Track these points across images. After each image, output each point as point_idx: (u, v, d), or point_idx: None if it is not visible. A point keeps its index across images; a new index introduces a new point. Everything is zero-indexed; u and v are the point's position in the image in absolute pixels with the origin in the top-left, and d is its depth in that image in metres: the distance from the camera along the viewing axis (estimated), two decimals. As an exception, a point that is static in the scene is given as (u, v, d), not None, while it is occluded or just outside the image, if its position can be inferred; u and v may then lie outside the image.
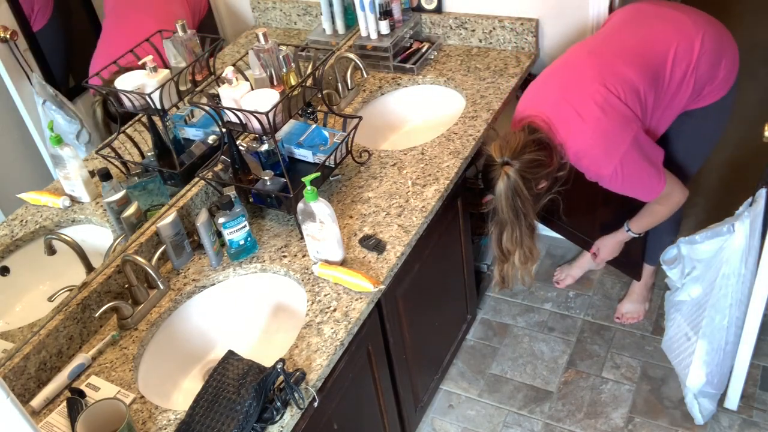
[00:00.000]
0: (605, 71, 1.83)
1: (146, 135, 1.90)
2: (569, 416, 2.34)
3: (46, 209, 1.74)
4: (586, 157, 1.84)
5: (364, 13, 2.44)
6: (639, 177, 1.88)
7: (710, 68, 1.92)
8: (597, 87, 1.80)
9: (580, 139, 1.81)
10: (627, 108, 1.81)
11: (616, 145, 1.80)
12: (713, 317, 2.02)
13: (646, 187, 1.91)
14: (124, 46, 1.84)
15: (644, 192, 1.94)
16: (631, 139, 1.80)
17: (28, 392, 1.55)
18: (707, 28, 1.92)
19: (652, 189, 1.92)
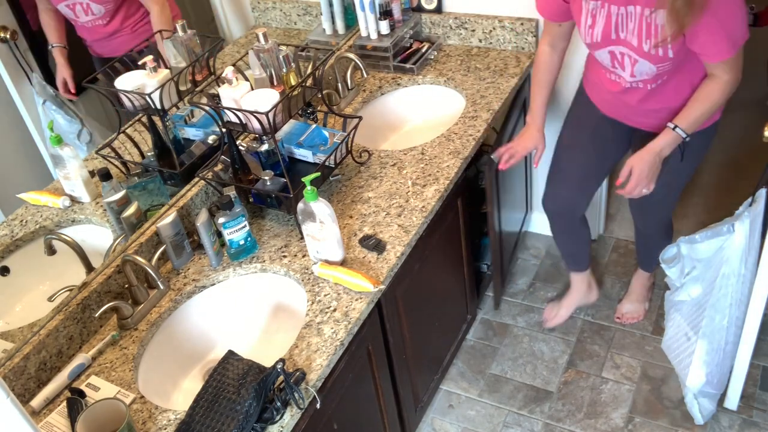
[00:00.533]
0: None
1: (146, 135, 1.90)
2: (569, 416, 2.34)
3: (46, 209, 1.74)
4: None
5: (364, 13, 2.44)
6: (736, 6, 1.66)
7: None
8: None
9: None
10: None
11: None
12: (713, 317, 2.02)
13: (738, 28, 1.68)
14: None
15: (733, 31, 1.68)
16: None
17: (28, 392, 1.55)
18: None
19: (739, 34, 1.69)
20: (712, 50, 1.71)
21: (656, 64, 1.78)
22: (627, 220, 3.03)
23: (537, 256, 2.93)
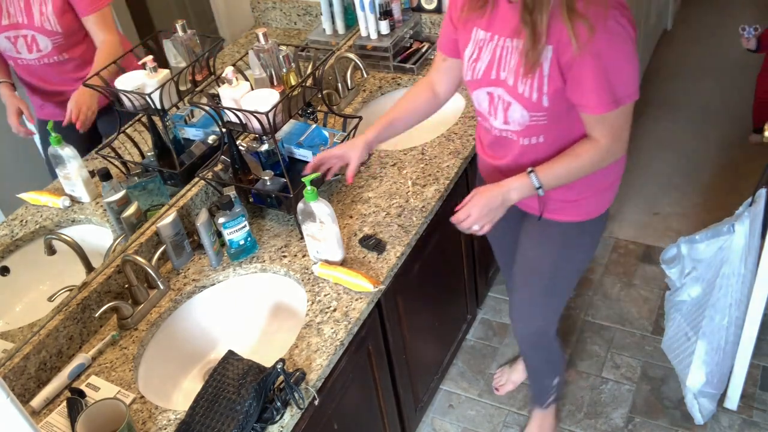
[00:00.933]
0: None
1: (146, 135, 1.90)
2: (569, 416, 2.34)
3: (46, 209, 1.74)
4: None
5: (364, 13, 2.44)
6: (624, 59, 1.46)
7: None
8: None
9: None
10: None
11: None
12: (713, 317, 2.02)
13: (623, 82, 1.47)
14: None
15: (617, 84, 1.47)
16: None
17: (28, 392, 1.55)
18: None
19: (623, 91, 1.48)
20: (590, 99, 1.48)
21: (530, 111, 1.53)
22: (627, 220, 3.03)
23: (537, 256, 2.93)
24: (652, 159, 3.34)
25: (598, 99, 1.47)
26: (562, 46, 1.42)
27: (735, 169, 3.19)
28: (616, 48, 1.42)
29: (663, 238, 2.89)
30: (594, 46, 1.39)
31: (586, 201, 1.70)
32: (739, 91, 3.67)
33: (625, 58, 1.45)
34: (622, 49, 1.43)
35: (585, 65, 1.43)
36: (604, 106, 1.48)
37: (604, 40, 1.39)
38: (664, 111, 3.63)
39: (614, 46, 1.41)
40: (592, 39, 1.38)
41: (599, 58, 1.41)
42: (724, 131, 3.42)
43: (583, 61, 1.42)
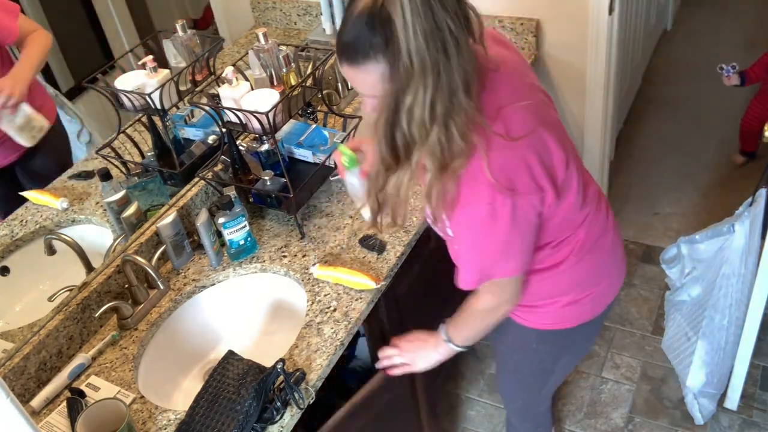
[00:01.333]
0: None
1: (146, 135, 1.90)
2: (569, 416, 2.34)
3: (46, 209, 1.74)
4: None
5: (364, 13, 2.43)
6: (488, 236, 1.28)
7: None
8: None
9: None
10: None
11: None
12: (713, 317, 2.03)
13: (488, 261, 1.33)
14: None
15: (479, 262, 1.34)
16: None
17: (28, 392, 1.55)
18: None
19: (488, 269, 1.35)
20: (459, 271, 1.39)
21: (441, 234, 1.44)
22: (627, 220, 3.03)
23: (537, 256, 2.93)
24: (652, 159, 3.34)
25: (462, 273, 1.37)
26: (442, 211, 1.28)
27: (735, 169, 3.19)
28: (484, 233, 1.26)
29: (663, 238, 2.89)
30: (459, 225, 1.27)
31: (543, 310, 1.55)
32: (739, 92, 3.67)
33: (496, 243, 1.28)
34: (489, 234, 1.26)
35: (454, 235, 1.32)
36: (464, 281, 1.38)
37: (471, 222, 1.25)
38: (664, 111, 3.63)
39: (481, 232, 1.26)
40: (459, 215, 1.25)
41: (463, 236, 1.30)
42: (724, 131, 3.42)
43: (453, 229, 1.30)
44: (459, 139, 1.13)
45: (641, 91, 3.75)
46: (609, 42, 2.41)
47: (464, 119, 1.12)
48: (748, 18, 4.23)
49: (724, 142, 3.36)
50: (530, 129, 1.21)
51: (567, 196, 1.34)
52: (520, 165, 1.20)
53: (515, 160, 1.20)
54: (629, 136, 3.46)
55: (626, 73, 3.28)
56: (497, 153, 1.17)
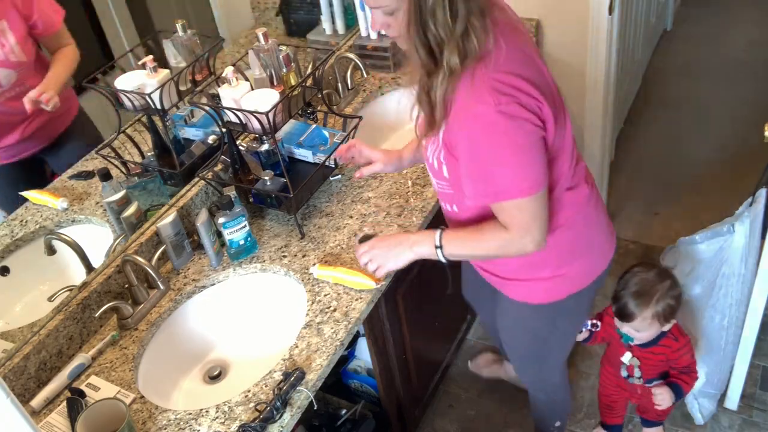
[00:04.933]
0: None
1: (146, 135, 1.90)
2: (569, 416, 2.33)
3: (46, 209, 1.74)
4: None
5: (364, 13, 2.44)
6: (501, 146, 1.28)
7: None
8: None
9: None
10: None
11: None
12: (713, 317, 2.03)
13: (499, 176, 1.30)
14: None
15: (495, 177, 1.31)
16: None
17: (28, 392, 1.55)
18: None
19: (500, 184, 1.31)
20: (466, 186, 1.36)
21: (434, 177, 1.47)
22: (627, 219, 3.03)
23: (537, 256, 2.93)
24: (652, 159, 3.33)
25: (473, 188, 1.34)
26: (448, 123, 1.31)
27: (735, 169, 3.19)
28: (495, 139, 1.26)
29: (663, 238, 2.88)
30: (470, 132, 1.27)
31: (528, 284, 1.55)
32: (739, 91, 3.67)
33: (506, 149, 1.27)
34: (500, 141, 1.26)
35: (462, 148, 1.31)
36: (478, 196, 1.36)
37: (480, 127, 1.26)
38: (664, 111, 3.63)
39: (492, 137, 1.26)
40: (467, 123, 1.26)
41: (473, 145, 1.28)
42: (724, 131, 3.42)
43: (461, 144, 1.31)
44: (475, 40, 1.22)
45: (641, 91, 3.75)
46: (609, 42, 2.41)
47: (481, 21, 1.22)
48: (748, 18, 4.23)
49: (724, 142, 3.36)
50: (529, 47, 1.36)
51: (562, 144, 1.39)
52: (520, 79, 1.26)
53: (515, 70, 1.27)
54: (629, 136, 3.46)
55: (626, 73, 3.28)
56: (503, 62, 1.26)
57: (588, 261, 1.57)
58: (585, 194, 1.51)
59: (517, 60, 1.29)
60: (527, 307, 1.61)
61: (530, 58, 1.34)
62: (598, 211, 1.57)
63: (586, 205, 1.52)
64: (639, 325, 1.79)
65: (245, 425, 1.42)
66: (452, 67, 1.24)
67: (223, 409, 1.49)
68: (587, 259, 1.56)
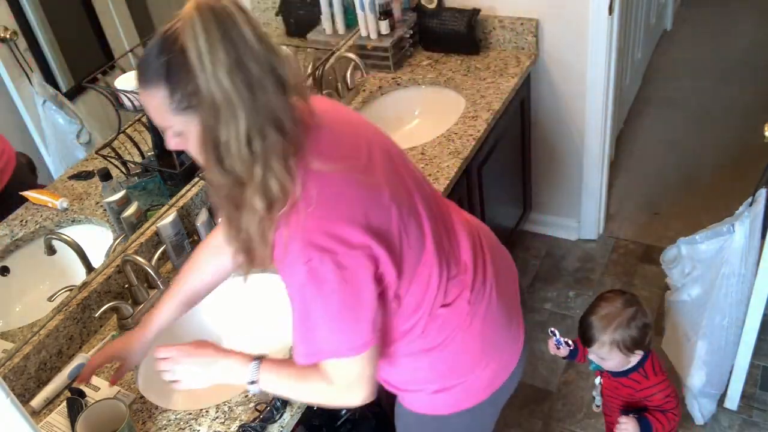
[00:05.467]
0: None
1: (146, 135, 1.90)
2: (569, 416, 2.33)
3: (46, 209, 1.74)
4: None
5: (364, 13, 2.44)
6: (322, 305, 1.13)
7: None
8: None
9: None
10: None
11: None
12: (713, 317, 2.02)
13: (319, 339, 1.16)
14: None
15: (312, 339, 1.17)
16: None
17: (28, 392, 1.55)
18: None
19: (321, 347, 1.17)
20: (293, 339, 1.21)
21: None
22: (627, 219, 3.03)
23: (537, 256, 2.93)
24: (652, 159, 3.33)
25: (296, 346, 1.20)
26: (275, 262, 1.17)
27: (735, 169, 3.19)
28: (308, 300, 1.13)
29: (663, 238, 2.88)
30: (287, 286, 1.15)
31: (414, 394, 1.40)
32: (739, 91, 3.67)
33: (319, 311, 1.13)
34: (313, 303, 1.12)
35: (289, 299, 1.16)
36: (298, 356, 1.20)
37: (294, 284, 1.13)
38: (664, 111, 3.63)
39: (305, 298, 1.13)
40: (284, 276, 1.15)
41: (291, 301, 1.16)
42: (724, 131, 3.42)
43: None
44: (276, 184, 1.05)
45: (641, 91, 3.75)
46: (609, 42, 2.41)
47: (282, 163, 1.05)
48: (748, 18, 4.23)
49: (724, 142, 3.36)
50: (353, 185, 1.13)
51: (417, 265, 1.22)
52: (339, 221, 1.09)
53: (332, 216, 1.09)
54: (629, 136, 3.46)
55: (626, 73, 3.28)
56: (315, 208, 1.08)
57: (475, 380, 1.37)
58: (464, 311, 1.32)
59: (340, 198, 1.11)
60: (412, 416, 1.44)
61: (361, 185, 1.15)
62: (487, 326, 1.36)
63: (466, 323, 1.32)
64: (598, 351, 1.75)
65: (245, 425, 1.42)
66: (257, 210, 1.07)
67: (223, 409, 1.49)
68: (473, 378, 1.37)
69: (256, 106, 1.01)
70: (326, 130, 1.16)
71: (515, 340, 1.44)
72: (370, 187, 1.16)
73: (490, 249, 1.43)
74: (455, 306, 1.31)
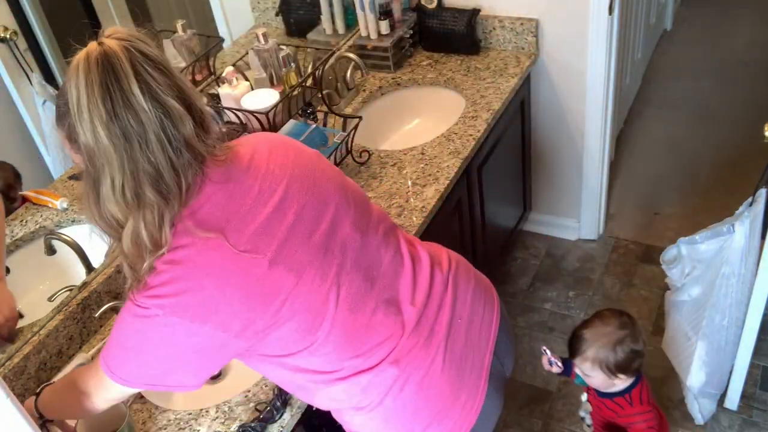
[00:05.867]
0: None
1: (146, 135, 1.90)
2: (569, 416, 2.34)
3: (46, 209, 1.74)
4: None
5: (364, 13, 2.44)
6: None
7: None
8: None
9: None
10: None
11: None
12: (713, 317, 2.02)
13: (110, 350, 1.18)
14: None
15: (108, 347, 1.19)
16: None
17: (28, 392, 1.54)
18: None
19: (108, 358, 1.18)
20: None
21: None
22: (627, 219, 3.03)
23: (537, 256, 2.93)
24: (652, 159, 3.33)
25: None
26: None
27: (735, 169, 3.19)
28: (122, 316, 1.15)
29: (663, 238, 2.89)
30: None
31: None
32: (739, 91, 3.67)
33: (122, 326, 1.15)
34: (124, 323, 1.15)
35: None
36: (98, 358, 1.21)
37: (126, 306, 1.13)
38: (664, 111, 3.63)
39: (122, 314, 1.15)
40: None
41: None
42: (724, 131, 3.42)
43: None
44: (146, 237, 1.06)
45: (641, 91, 3.75)
46: (609, 42, 2.41)
47: (154, 219, 1.06)
48: (748, 18, 4.23)
49: (724, 142, 3.36)
50: (220, 270, 1.10)
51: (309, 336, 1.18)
52: (196, 290, 1.09)
53: (195, 283, 1.09)
54: (629, 136, 3.46)
55: (626, 73, 3.28)
56: (174, 266, 1.09)
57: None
58: (390, 376, 1.25)
59: (196, 296, 1.09)
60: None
61: (231, 268, 1.11)
62: (428, 387, 1.28)
63: (394, 389, 1.26)
64: (581, 365, 1.74)
65: (245, 425, 1.43)
66: (126, 253, 1.10)
67: (223, 409, 1.49)
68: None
69: (133, 158, 1.03)
70: (228, 184, 1.14)
71: (470, 398, 1.33)
72: (246, 265, 1.11)
73: (462, 290, 1.38)
74: (379, 371, 1.24)
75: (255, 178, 1.17)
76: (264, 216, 1.15)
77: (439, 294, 1.34)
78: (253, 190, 1.16)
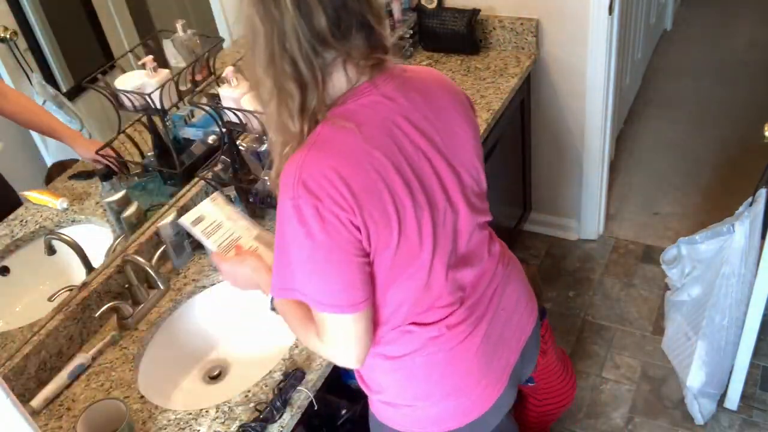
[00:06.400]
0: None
1: (146, 135, 1.90)
2: (569, 416, 2.34)
3: (46, 209, 1.74)
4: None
5: (364, 13, 2.43)
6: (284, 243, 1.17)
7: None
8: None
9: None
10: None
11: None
12: (713, 317, 2.03)
13: (288, 272, 1.17)
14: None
15: (284, 269, 1.19)
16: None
17: (28, 392, 1.55)
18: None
19: (288, 281, 1.18)
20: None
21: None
22: (627, 220, 3.03)
23: (537, 256, 2.93)
24: (652, 159, 3.34)
25: (272, 278, 1.23)
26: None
27: (735, 169, 3.19)
28: (286, 231, 1.15)
29: (663, 238, 2.89)
30: (278, 209, 1.16)
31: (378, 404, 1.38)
32: (739, 91, 3.68)
33: (293, 247, 1.14)
34: (292, 238, 1.14)
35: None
36: (273, 287, 1.22)
37: (279, 214, 1.15)
38: (664, 111, 3.63)
39: (283, 227, 1.15)
40: (278, 201, 1.15)
41: (276, 229, 1.18)
42: (724, 131, 3.42)
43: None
44: (288, 117, 1.12)
45: (641, 91, 3.75)
46: (609, 42, 2.41)
47: (295, 100, 1.11)
48: (748, 18, 4.23)
49: (724, 142, 3.36)
50: (367, 151, 1.13)
51: (412, 260, 1.20)
52: (333, 175, 1.10)
53: (329, 168, 1.10)
54: (629, 136, 3.46)
55: (626, 73, 3.28)
56: (318, 152, 1.11)
57: (421, 411, 1.33)
58: (436, 338, 1.28)
59: (342, 148, 1.12)
60: (373, 418, 1.44)
61: (367, 161, 1.13)
62: (454, 364, 1.30)
63: (434, 350, 1.28)
64: None
65: (245, 425, 1.43)
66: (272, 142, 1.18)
67: (223, 409, 1.49)
68: (420, 409, 1.33)
69: (281, 36, 1.08)
70: (389, 90, 1.18)
71: (490, 385, 1.36)
72: (378, 165, 1.14)
73: (512, 288, 1.43)
74: (428, 329, 1.27)
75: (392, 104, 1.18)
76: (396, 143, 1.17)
77: (497, 282, 1.39)
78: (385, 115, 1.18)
